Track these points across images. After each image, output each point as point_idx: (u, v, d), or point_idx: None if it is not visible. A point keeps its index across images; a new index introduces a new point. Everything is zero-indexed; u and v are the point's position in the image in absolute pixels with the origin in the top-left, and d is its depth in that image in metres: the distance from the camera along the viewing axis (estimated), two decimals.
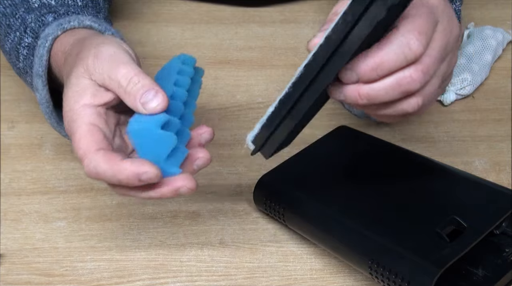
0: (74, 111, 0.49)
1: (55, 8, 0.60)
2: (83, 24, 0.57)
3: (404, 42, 0.46)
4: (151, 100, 0.48)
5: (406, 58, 0.47)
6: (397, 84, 0.47)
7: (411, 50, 0.46)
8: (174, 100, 0.51)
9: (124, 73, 0.48)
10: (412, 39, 0.46)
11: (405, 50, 0.46)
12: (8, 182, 0.66)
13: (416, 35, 0.46)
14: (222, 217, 0.64)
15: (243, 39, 0.82)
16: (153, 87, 0.48)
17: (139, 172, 0.46)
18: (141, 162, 0.47)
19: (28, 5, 0.61)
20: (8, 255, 0.60)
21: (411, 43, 0.46)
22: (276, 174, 0.63)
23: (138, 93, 0.48)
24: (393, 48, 0.47)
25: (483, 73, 0.78)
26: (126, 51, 0.51)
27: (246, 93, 0.76)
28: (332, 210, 0.58)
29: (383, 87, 0.48)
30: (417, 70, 0.47)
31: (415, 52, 0.47)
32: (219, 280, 0.59)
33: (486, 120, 0.74)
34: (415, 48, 0.46)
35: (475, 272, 0.55)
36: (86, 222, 0.63)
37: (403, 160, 0.63)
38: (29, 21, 0.60)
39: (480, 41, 0.79)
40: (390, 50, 0.47)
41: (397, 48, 0.46)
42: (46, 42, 0.57)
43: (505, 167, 0.69)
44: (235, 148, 0.70)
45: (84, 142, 0.48)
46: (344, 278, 0.60)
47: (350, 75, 0.48)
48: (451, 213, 0.54)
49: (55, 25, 0.57)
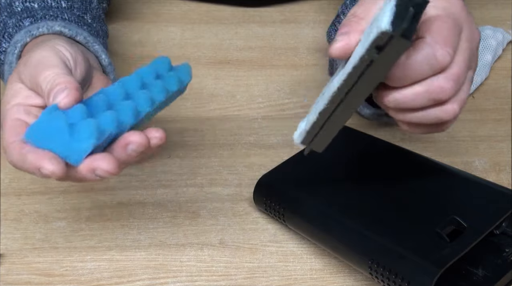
0: (5, 111, 0.50)
1: (35, 12, 0.60)
2: (52, 30, 0.57)
3: (430, 53, 0.46)
4: (59, 95, 0.47)
5: (432, 69, 0.47)
6: (427, 92, 0.48)
7: (437, 61, 0.47)
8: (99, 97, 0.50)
9: (45, 76, 0.49)
10: (438, 51, 0.46)
11: (432, 61, 0.47)
12: (8, 182, 0.66)
13: (442, 46, 0.46)
14: (222, 217, 0.64)
15: (243, 39, 0.82)
16: (64, 84, 0.48)
17: (37, 165, 0.46)
18: (43, 154, 0.45)
19: (11, 9, 0.61)
20: (8, 255, 0.60)
21: (438, 54, 0.46)
22: (276, 174, 0.63)
23: (52, 91, 0.48)
24: (419, 59, 0.47)
25: (483, 73, 0.78)
26: (57, 54, 0.51)
27: (246, 93, 0.76)
28: (332, 210, 0.58)
29: (411, 93, 0.48)
30: (447, 80, 0.47)
31: (441, 63, 0.47)
32: (219, 280, 0.59)
33: (486, 120, 0.74)
34: (441, 59, 0.47)
35: (475, 272, 0.55)
36: (86, 222, 0.63)
37: (403, 160, 0.63)
38: (9, 26, 0.60)
39: (480, 41, 0.79)
40: (416, 61, 0.47)
41: (423, 59, 0.47)
42: (15, 49, 0.57)
43: (505, 167, 0.69)
44: (235, 148, 0.70)
45: (6, 135, 0.48)
46: (344, 278, 0.60)
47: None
48: (451, 213, 0.54)
49: (24, 31, 0.57)
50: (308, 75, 0.78)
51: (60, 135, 0.46)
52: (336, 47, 0.48)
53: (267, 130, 0.72)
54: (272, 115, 0.74)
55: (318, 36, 0.82)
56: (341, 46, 0.48)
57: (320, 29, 0.83)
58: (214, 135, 0.71)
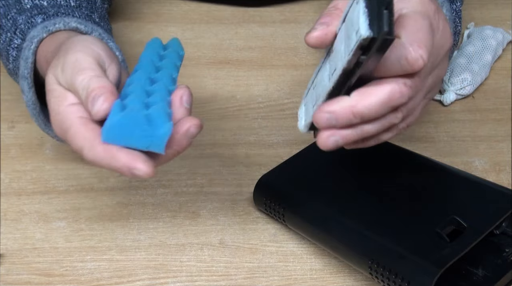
0: (61, 113, 0.50)
1: (45, 10, 0.60)
2: (68, 26, 0.57)
3: (403, 54, 0.46)
4: (95, 103, 0.48)
5: (403, 69, 0.46)
6: (388, 100, 0.47)
7: (409, 63, 0.46)
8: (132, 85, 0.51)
9: (80, 80, 0.49)
10: (411, 53, 0.46)
11: (403, 62, 0.46)
12: (8, 182, 0.66)
13: (416, 49, 0.46)
14: (222, 217, 0.64)
15: (243, 39, 0.82)
16: (99, 89, 0.48)
17: (130, 166, 0.46)
18: (136, 155, 0.46)
19: (20, 6, 0.61)
20: (8, 255, 0.60)
21: (409, 57, 0.46)
22: (276, 174, 0.63)
23: (88, 99, 0.48)
24: (391, 58, 0.46)
25: (483, 73, 0.77)
26: (91, 55, 0.51)
27: (246, 93, 0.76)
28: (332, 210, 0.58)
29: (374, 104, 0.47)
30: (406, 85, 0.47)
31: (413, 66, 0.46)
32: (219, 280, 0.59)
33: (486, 120, 0.74)
34: (412, 62, 0.46)
35: (475, 272, 0.55)
36: (86, 222, 0.63)
37: (403, 160, 0.63)
38: (20, 23, 0.60)
39: (480, 41, 0.79)
40: (389, 59, 0.46)
41: (395, 59, 0.46)
42: (31, 44, 0.57)
43: (505, 167, 0.69)
44: (235, 148, 0.70)
45: (80, 134, 0.48)
46: (344, 278, 0.60)
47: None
48: (451, 213, 0.54)
49: (41, 27, 0.57)
50: (308, 75, 0.78)
51: (140, 127, 0.46)
52: (313, 36, 0.49)
53: (267, 130, 0.72)
54: (272, 115, 0.74)
55: None
56: (318, 35, 0.48)
57: None
58: (214, 135, 0.71)
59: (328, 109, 0.47)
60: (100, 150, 0.47)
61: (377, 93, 0.47)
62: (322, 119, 0.48)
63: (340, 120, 0.47)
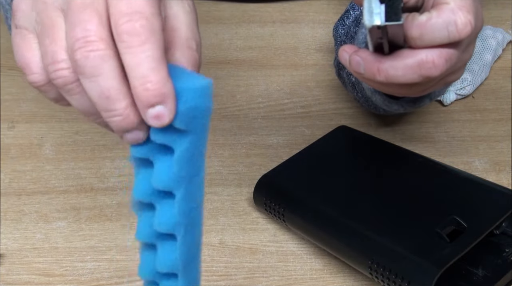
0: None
1: None
2: None
3: (452, 19, 0.45)
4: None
5: (450, 36, 0.46)
6: (418, 67, 0.46)
7: (457, 29, 0.45)
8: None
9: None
10: (460, 18, 0.45)
11: (451, 28, 0.45)
12: (8, 182, 0.66)
13: (465, 14, 0.45)
14: (222, 217, 0.64)
15: (243, 39, 0.82)
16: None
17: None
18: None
19: None
20: (8, 255, 0.60)
21: (459, 22, 0.45)
22: (276, 174, 0.63)
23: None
24: (439, 23, 0.45)
25: (483, 73, 0.77)
26: None
27: (246, 93, 0.76)
28: (332, 210, 0.58)
29: (402, 67, 0.47)
30: (440, 57, 0.46)
31: (460, 32, 0.45)
32: (219, 280, 0.59)
33: (486, 120, 0.74)
34: (461, 27, 0.45)
35: (475, 272, 0.55)
36: (86, 222, 0.63)
37: (403, 160, 0.63)
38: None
39: (480, 41, 0.79)
40: (436, 24, 0.45)
41: (442, 24, 0.45)
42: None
43: (505, 167, 0.69)
44: (235, 147, 0.70)
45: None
46: (344, 278, 0.60)
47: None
48: (451, 213, 0.54)
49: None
50: (308, 75, 0.78)
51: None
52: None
53: (267, 130, 0.72)
54: (272, 115, 0.74)
55: (318, 36, 0.82)
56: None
57: (320, 29, 0.83)
58: (214, 135, 0.71)
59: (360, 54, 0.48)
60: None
61: (409, 55, 0.46)
62: (353, 61, 0.48)
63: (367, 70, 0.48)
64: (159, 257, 0.41)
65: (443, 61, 0.46)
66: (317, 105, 0.75)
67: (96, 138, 0.70)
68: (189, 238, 0.42)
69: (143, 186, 0.40)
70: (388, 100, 0.65)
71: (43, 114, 0.72)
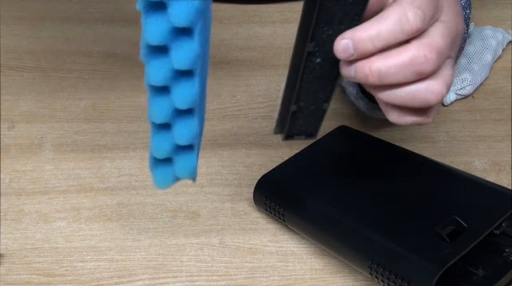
0: None
1: None
2: None
3: (401, 12, 0.46)
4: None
5: (403, 29, 0.46)
6: (410, 63, 0.46)
7: (408, 21, 0.46)
8: None
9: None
10: (409, 11, 0.46)
11: (402, 20, 0.46)
12: (8, 182, 0.66)
13: (414, 8, 0.46)
14: (222, 217, 0.64)
15: (243, 39, 0.82)
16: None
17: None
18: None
19: None
20: (8, 255, 0.60)
21: (408, 14, 0.46)
22: (276, 174, 0.63)
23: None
24: (390, 17, 0.46)
25: (483, 73, 0.78)
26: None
27: (246, 93, 0.76)
28: (332, 210, 0.58)
29: (394, 64, 0.46)
30: (431, 51, 0.46)
31: (412, 23, 0.46)
32: (219, 280, 0.59)
33: (486, 120, 0.75)
34: (412, 19, 0.46)
35: (475, 272, 0.55)
36: (86, 222, 0.63)
37: (403, 160, 0.63)
38: None
39: (480, 41, 0.79)
40: (387, 20, 0.46)
41: (394, 17, 0.46)
42: None
43: (505, 167, 0.69)
44: (235, 147, 0.70)
45: None
46: (344, 278, 0.60)
47: (345, 45, 0.47)
48: (451, 213, 0.54)
49: None
50: None
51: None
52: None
53: (267, 130, 0.72)
54: (272, 115, 0.74)
55: None
56: None
57: None
58: (214, 136, 0.71)
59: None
60: None
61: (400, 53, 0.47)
62: (346, 72, 0.48)
63: (358, 72, 0.47)
64: (178, 95, 0.45)
65: (434, 54, 0.46)
66: None
67: (96, 138, 0.70)
68: (203, 72, 0.46)
69: (158, 27, 0.43)
70: (372, 106, 0.65)
71: (43, 114, 0.72)
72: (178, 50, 0.44)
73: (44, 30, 0.82)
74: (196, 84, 0.46)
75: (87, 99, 0.74)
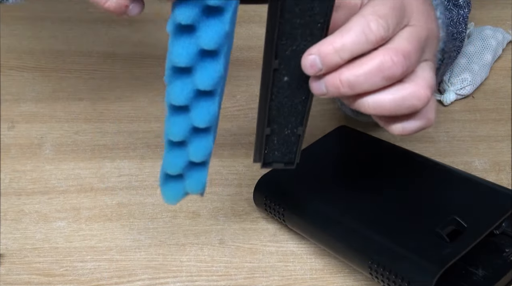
0: None
1: None
2: None
3: (363, 23, 0.46)
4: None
5: (367, 38, 0.46)
6: (378, 69, 0.47)
7: (372, 31, 0.46)
8: None
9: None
10: (372, 21, 0.46)
11: (365, 30, 0.46)
12: (8, 182, 0.66)
13: (377, 18, 0.46)
14: (222, 217, 0.64)
15: (243, 39, 0.82)
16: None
17: None
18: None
19: None
20: (8, 255, 0.60)
21: (371, 24, 0.46)
22: (276, 174, 0.63)
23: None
24: (353, 29, 0.46)
25: (483, 73, 0.78)
26: None
27: (246, 93, 0.76)
28: (332, 210, 0.58)
29: (363, 72, 0.47)
30: (397, 54, 0.47)
31: (375, 33, 0.46)
32: (219, 280, 0.59)
33: (486, 120, 0.75)
34: (374, 28, 0.46)
35: (475, 272, 0.55)
36: (86, 222, 0.63)
37: (403, 160, 0.63)
38: None
39: (480, 41, 0.79)
40: (351, 31, 0.46)
41: (357, 28, 0.46)
42: None
43: (505, 167, 0.69)
44: (235, 147, 0.70)
45: None
46: (344, 278, 0.60)
47: (313, 60, 0.47)
48: (451, 213, 0.54)
49: None
50: None
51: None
52: None
53: None
54: None
55: None
56: None
57: None
58: None
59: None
60: None
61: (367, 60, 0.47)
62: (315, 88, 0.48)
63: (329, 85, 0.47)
64: (198, 114, 0.47)
65: (401, 57, 0.47)
66: (317, 105, 0.75)
67: (96, 138, 0.70)
68: (222, 91, 0.48)
69: (184, 49, 0.44)
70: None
71: (43, 114, 0.72)
72: (203, 71, 0.46)
73: (44, 30, 0.82)
74: (215, 103, 0.47)
75: (87, 99, 0.74)
